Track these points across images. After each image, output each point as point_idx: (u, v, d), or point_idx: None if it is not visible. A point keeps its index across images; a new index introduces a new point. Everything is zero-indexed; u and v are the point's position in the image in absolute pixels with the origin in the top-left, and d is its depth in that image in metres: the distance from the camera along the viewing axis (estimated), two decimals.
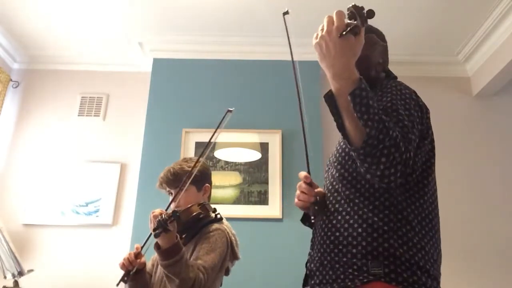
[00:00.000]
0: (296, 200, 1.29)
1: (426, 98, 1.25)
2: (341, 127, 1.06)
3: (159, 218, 1.42)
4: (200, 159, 1.76)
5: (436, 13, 2.98)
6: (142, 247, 1.67)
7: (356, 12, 1.00)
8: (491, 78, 3.18)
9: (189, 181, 1.67)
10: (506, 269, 3.01)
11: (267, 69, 3.29)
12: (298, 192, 1.27)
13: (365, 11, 1.00)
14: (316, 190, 1.27)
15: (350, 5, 1.01)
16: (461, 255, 3.05)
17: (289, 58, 1.35)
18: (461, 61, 3.47)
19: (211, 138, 1.68)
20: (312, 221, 1.25)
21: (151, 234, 1.53)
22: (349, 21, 1.01)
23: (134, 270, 1.62)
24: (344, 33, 1.00)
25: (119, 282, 1.61)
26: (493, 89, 3.33)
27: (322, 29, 1.04)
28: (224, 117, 1.65)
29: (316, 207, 1.23)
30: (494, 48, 3.12)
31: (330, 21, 1.03)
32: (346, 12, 1.02)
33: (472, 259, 3.04)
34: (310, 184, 1.26)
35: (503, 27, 2.97)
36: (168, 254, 1.44)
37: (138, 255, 1.64)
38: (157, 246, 1.48)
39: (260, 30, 3.18)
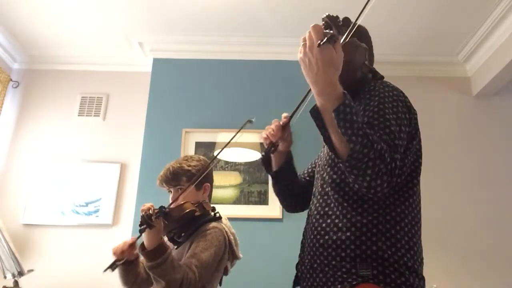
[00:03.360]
0: (264, 133, 1.41)
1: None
2: (327, 141, 1.07)
3: (144, 213, 1.40)
4: (201, 157, 1.76)
5: (436, 13, 2.98)
6: (137, 238, 1.62)
7: (331, 22, 1.00)
8: (491, 78, 3.18)
9: (192, 182, 1.65)
10: (504, 269, 3.01)
11: (267, 69, 3.29)
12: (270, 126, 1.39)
13: (340, 19, 1.00)
14: (284, 136, 1.38)
15: (324, 15, 1.01)
16: (460, 255, 3.05)
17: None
18: (461, 61, 3.46)
19: (224, 146, 1.69)
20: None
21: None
22: (325, 31, 1.01)
23: (122, 261, 1.59)
24: (321, 43, 0.99)
25: (106, 269, 1.56)
26: (493, 89, 3.33)
27: (305, 44, 1.04)
28: (242, 126, 1.66)
29: (270, 149, 1.36)
30: (494, 48, 3.12)
31: (311, 36, 1.03)
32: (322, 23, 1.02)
33: (471, 259, 3.04)
34: (284, 126, 1.37)
35: (503, 27, 2.97)
36: (153, 255, 1.42)
37: (132, 246, 1.61)
38: (142, 248, 1.46)
39: (260, 30, 3.18)
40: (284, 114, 1.40)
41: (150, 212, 1.40)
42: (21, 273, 2.68)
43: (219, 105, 3.20)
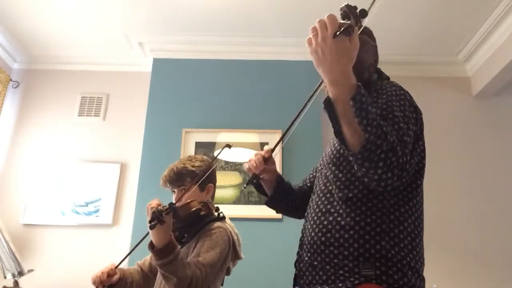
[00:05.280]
0: (247, 165, 1.43)
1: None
2: (338, 133, 1.06)
3: (155, 209, 1.39)
4: (205, 157, 1.77)
5: (436, 13, 2.98)
6: (117, 266, 1.69)
7: (350, 12, 0.99)
8: (491, 78, 3.18)
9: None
10: (503, 269, 3.01)
11: (267, 69, 3.29)
12: (253, 157, 1.42)
13: (358, 10, 0.99)
14: (267, 168, 1.41)
15: (343, 5, 1.00)
16: (460, 255, 3.05)
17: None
18: (461, 61, 3.46)
19: (210, 168, 1.75)
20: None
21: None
22: (342, 21, 1.00)
23: None
24: (338, 33, 0.98)
25: None
26: (493, 89, 3.33)
27: (316, 35, 1.02)
28: (220, 151, 1.69)
29: (253, 180, 1.40)
30: (494, 48, 3.12)
31: (323, 26, 1.01)
32: (339, 13, 1.01)
33: (470, 259, 3.04)
34: (267, 159, 1.40)
35: (503, 27, 2.97)
36: (163, 253, 1.42)
37: (110, 274, 1.65)
38: (151, 246, 1.45)
39: (260, 30, 3.18)
40: (266, 147, 1.43)
41: (160, 208, 1.40)
42: (21, 273, 2.68)
43: (219, 105, 3.20)
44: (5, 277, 2.68)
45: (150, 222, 1.38)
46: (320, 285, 1.14)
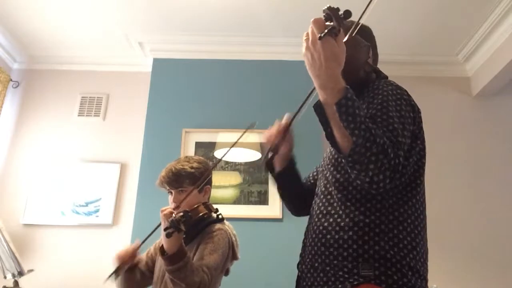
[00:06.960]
0: (267, 133, 1.41)
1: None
2: (329, 136, 1.07)
3: (172, 217, 1.39)
4: (201, 158, 1.77)
5: (436, 14, 2.98)
6: (141, 245, 1.66)
7: (332, 14, 0.99)
8: (491, 78, 3.18)
9: (196, 186, 1.65)
10: (504, 269, 3.01)
11: (267, 69, 3.29)
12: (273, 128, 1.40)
13: (341, 11, 0.99)
14: (286, 137, 1.38)
15: (325, 7, 1.00)
16: (461, 255, 3.05)
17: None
18: (461, 61, 3.46)
19: (226, 152, 1.73)
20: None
21: (152, 231, 1.53)
22: (326, 24, 1.00)
23: (125, 268, 1.62)
24: (322, 35, 0.99)
25: (109, 277, 1.59)
26: (493, 89, 3.33)
27: (307, 39, 1.04)
28: (247, 129, 1.68)
29: (274, 149, 1.36)
30: (494, 48, 3.12)
31: (313, 31, 1.02)
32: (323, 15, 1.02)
33: (471, 259, 3.04)
34: (285, 129, 1.37)
35: (503, 27, 2.97)
36: (173, 259, 1.42)
37: (134, 253, 1.65)
38: (162, 252, 1.46)
39: (260, 30, 3.18)
40: (286, 116, 1.39)
41: (175, 216, 1.39)
42: (21, 273, 2.68)
43: (219, 105, 3.20)
44: (5, 277, 2.68)
45: (165, 229, 1.38)
46: (321, 287, 1.14)
